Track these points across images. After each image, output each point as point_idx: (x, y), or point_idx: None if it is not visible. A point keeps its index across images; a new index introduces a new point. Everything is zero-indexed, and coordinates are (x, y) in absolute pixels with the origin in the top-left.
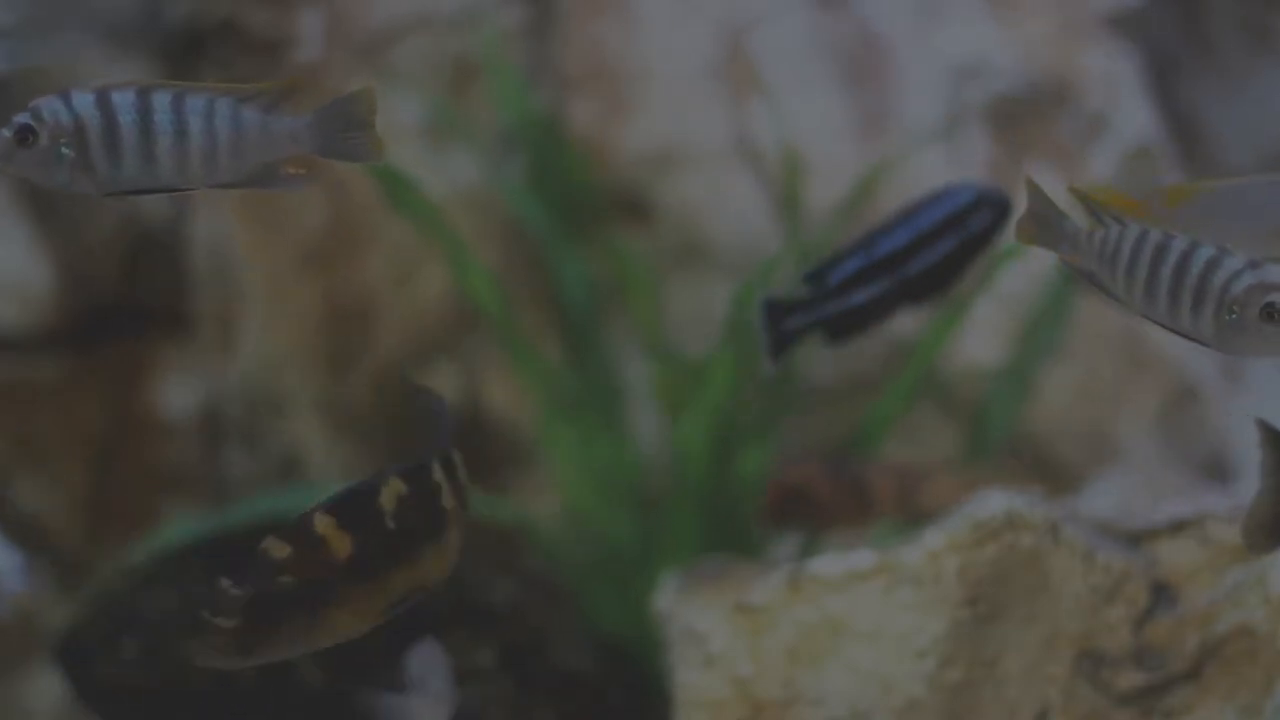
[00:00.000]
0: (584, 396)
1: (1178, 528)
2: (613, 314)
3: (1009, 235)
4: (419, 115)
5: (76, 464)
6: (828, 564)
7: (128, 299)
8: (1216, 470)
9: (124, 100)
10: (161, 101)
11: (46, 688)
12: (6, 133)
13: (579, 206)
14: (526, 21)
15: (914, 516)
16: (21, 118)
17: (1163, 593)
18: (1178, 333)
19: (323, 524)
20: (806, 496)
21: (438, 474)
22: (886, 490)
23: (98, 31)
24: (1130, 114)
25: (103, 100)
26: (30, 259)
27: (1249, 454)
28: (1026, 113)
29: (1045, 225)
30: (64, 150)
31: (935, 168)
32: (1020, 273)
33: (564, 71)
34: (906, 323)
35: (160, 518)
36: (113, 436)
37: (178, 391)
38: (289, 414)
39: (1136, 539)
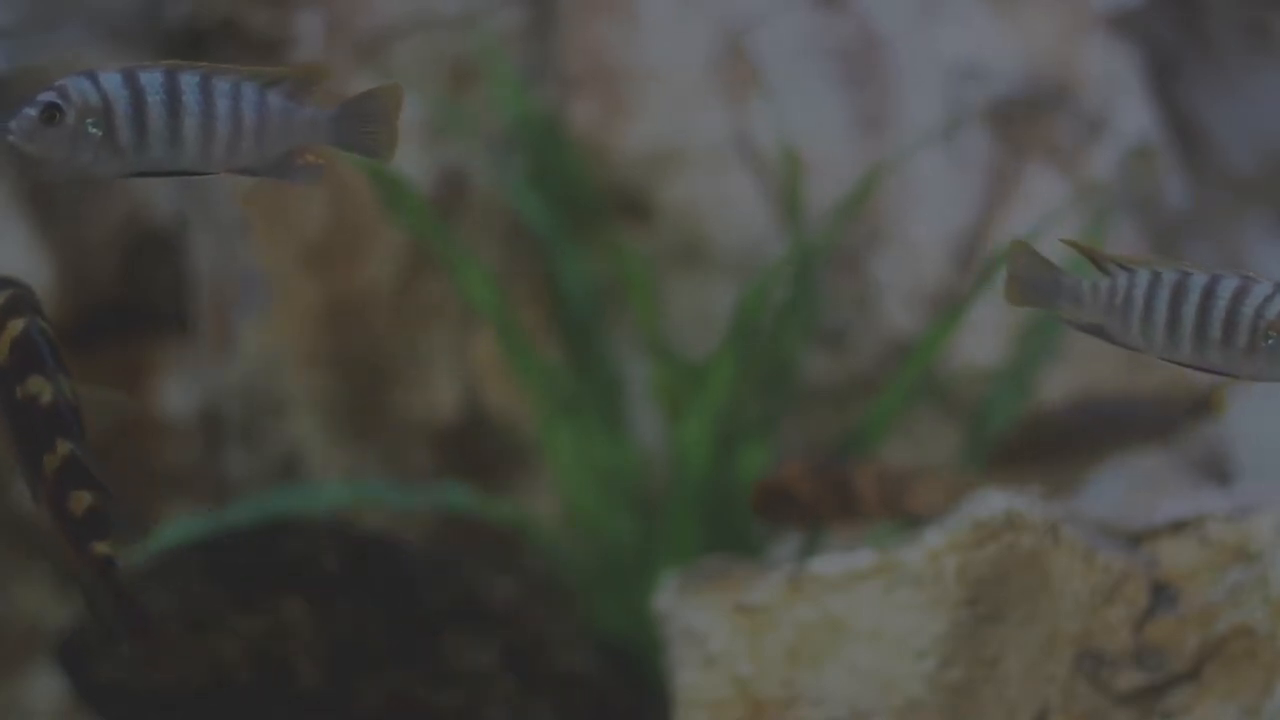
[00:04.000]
0: (584, 396)
1: (1178, 528)
2: (613, 314)
3: (1008, 235)
4: (419, 115)
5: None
6: (828, 564)
7: (128, 299)
8: (1216, 470)
9: (152, 80)
10: (189, 83)
11: (47, 688)
12: (31, 110)
13: (579, 206)
14: (526, 21)
15: (899, 518)
16: (47, 95)
17: (1163, 593)
18: (1206, 370)
19: (14, 324)
20: (790, 496)
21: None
22: (870, 491)
23: (98, 30)
24: (1130, 114)
25: (130, 80)
26: (30, 259)
27: (1249, 454)
28: (1026, 113)
29: (1039, 284)
30: (91, 129)
31: (935, 168)
32: None
33: (564, 71)
34: (906, 323)
35: (160, 518)
36: (112, 436)
37: (178, 391)
38: (289, 414)
39: (1136, 539)
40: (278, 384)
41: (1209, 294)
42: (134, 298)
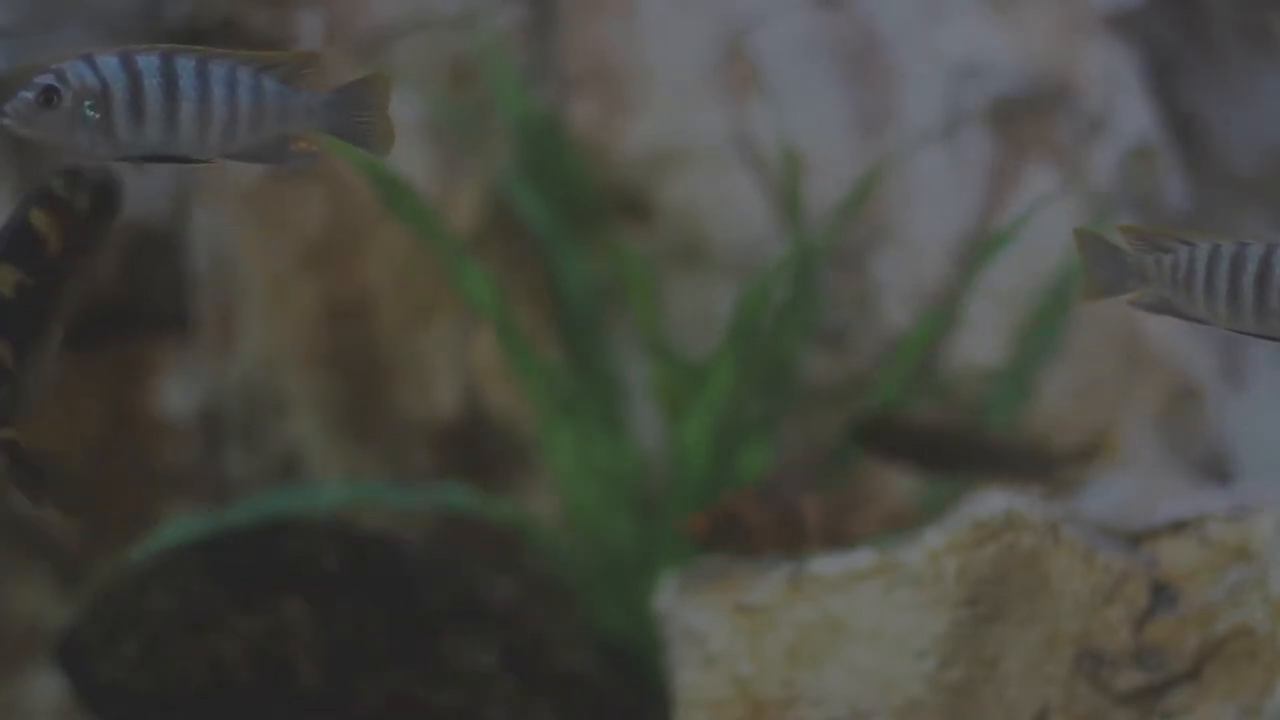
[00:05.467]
0: (584, 396)
1: (1178, 528)
2: (613, 314)
3: (998, 224)
4: (419, 114)
5: (76, 464)
6: (828, 563)
7: (128, 299)
8: (1216, 470)
9: (149, 64)
10: (186, 67)
11: (47, 688)
12: (28, 93)
13: (579, 206)
14: (526, 21)
15: (844, 546)
16: (44, 78)
17: (1163, 593)
18: (1272, 338)
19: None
20: (736, 523)
21: None
22: (815, 521)
23: (98, 30)
24: (1130, 114)
25: (128, 63)
26: None
27: (1249, 454)
28: (1026, 113)
29: (1111, 270)
30: (89, 112)
31: (935, 168)
32: (1020, 272)
33: (564, 71)
34: (906, 323)
35: (160, 518)
36: (112, 437)
37: (178, 391)
38: (289, 414)
39: (1136, 539)
40: (278, 384)
41: (1266, 262)
42: (134, 298)
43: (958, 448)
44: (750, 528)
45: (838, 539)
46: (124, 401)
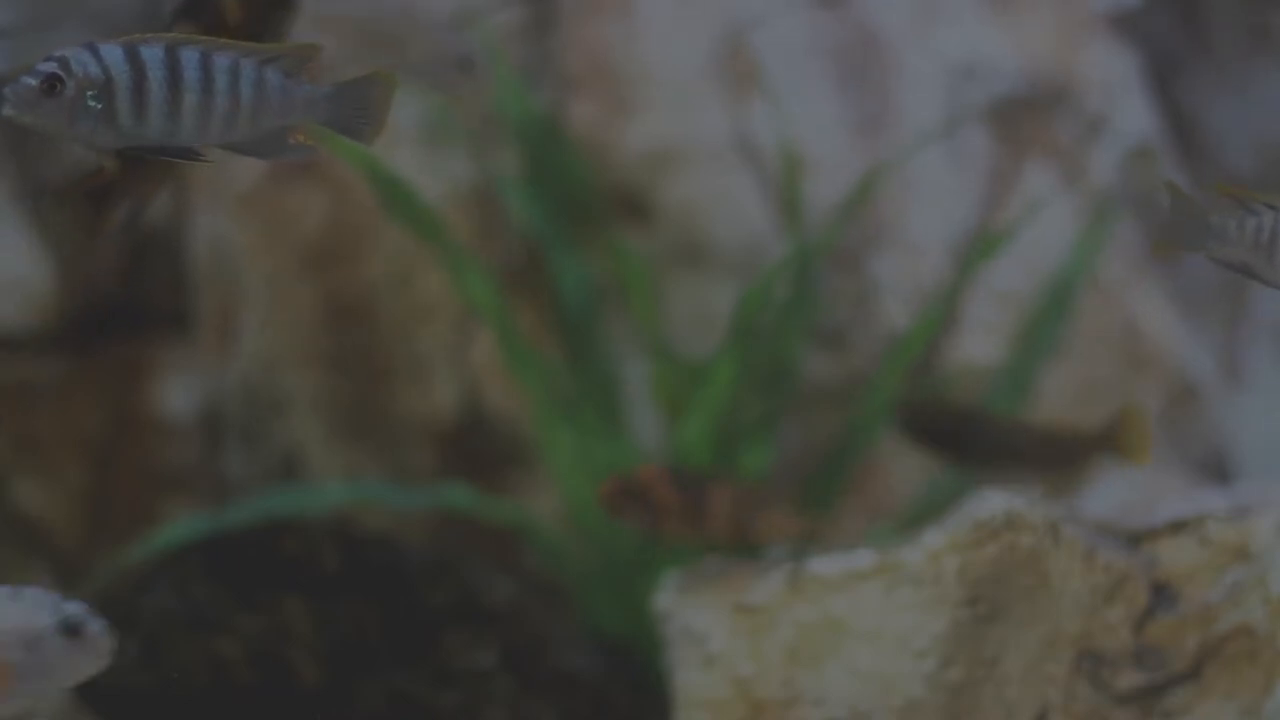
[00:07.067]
0: (583, 396)
1: (1178, 528)
2: (613, 314)
3: (998, 224)
4: (418, 115)
5: (76, 464)
6: (828, 564)
7: (128, 299)
8: (1216, 470)
9: (153, 55)
10: (190, 58)
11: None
12: (31, 81)
13: (579, 206)
14: (526, 21)
15: (743, 543)
16: (47, 66)
17: (1163, 593)
18: None
19: None
20: (643, 497)
21: None
22: (722, 511)
23: (98, 30)
24: (1130, 114)
25: (132, 54)
26: (30, 259)
27: (1249, 454)
28: (1026, 113)
29: (1189, 226)
30: (90, 102)
31: (935, 168)
32: (1020, 272)
33: (564, 71)
34: (906, 323)
35: (160, 518)
36: (113, 436)
37: (178, 391)
38: (289, 414)
39: (1136, 539)
40: (278, 384)
41: None
42: (134, 298)
43: (997, 434)
44: (659, 505)
45: (740, 536)
46: (124, 401)
